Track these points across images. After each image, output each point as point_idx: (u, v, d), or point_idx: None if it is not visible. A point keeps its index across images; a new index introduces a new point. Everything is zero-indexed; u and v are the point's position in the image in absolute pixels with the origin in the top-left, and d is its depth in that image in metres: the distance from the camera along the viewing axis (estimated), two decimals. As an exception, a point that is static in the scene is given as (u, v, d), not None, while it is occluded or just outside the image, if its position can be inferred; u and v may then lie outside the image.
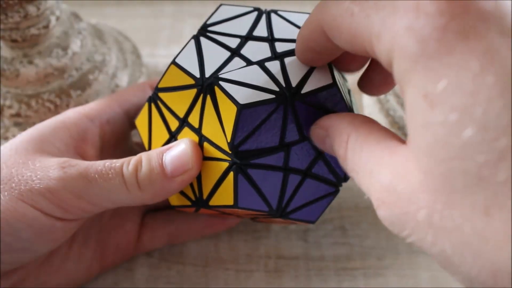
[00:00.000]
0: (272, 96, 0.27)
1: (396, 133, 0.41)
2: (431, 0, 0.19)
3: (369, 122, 0.25)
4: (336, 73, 0.29)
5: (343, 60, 0.30)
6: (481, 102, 0.18)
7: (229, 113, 0.28)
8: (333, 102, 0.29)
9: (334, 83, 0.28)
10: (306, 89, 0.28)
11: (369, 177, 0.23)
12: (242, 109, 0.27)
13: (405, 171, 0.21)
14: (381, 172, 0.22)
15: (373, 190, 0.22)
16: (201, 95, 0.29)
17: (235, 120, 0.27)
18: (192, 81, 0.29)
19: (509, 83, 0.18)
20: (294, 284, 0.36)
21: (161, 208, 0.38)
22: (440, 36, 0.19)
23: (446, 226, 0.19)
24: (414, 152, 0.20)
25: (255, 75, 0.28)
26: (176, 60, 0.29)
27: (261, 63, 0.29)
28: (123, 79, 0.42)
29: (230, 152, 0.28)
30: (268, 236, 0.38)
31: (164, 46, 0.48)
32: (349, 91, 0.31)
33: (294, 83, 0.28)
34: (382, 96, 0.41)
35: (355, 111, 0.30)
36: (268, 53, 0.29)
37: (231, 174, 0.28)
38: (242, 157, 0.28)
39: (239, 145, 0.28)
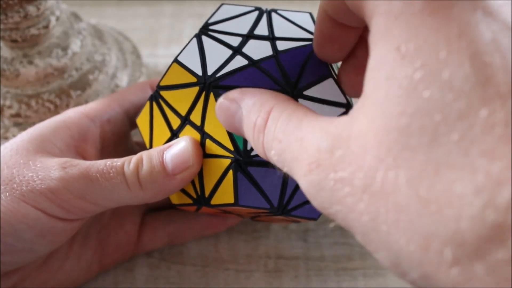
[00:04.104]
0: None
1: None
2: None
3: (293, 100, 0.25)
4: (332, 67, 0.30)
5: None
6: (451, 64, 0.18)
7: None
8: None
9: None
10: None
11: (299, 144, 0.22)
12: None
13: (350, 134, 0.20)
14: (319, 138, 0.21)
15: (304, 155, 0.21)
16: (203, 93, 0.29)
17: None
18: (194, 79, 0.29)
19: (481, 52, 0.18)
20: (294, 284, 0.36)
21: (161, 208, 0.38)
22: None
23: (386, 189, 0.18)
24: (367, 108, 0.20)
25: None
26: (178, 58, 0.30)
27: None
28: (123, 79, 0.42)
29: (232, 149, 0.29)
30: (268, 236, 0.38)
31: (164, 46, 0.48)
32: None
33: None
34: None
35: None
36: (269, 52, 0.30)
37: (231, 171, 0.29)
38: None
39: (252, 150, 0.28)
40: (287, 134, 0.23)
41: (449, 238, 0.17)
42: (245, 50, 0.30)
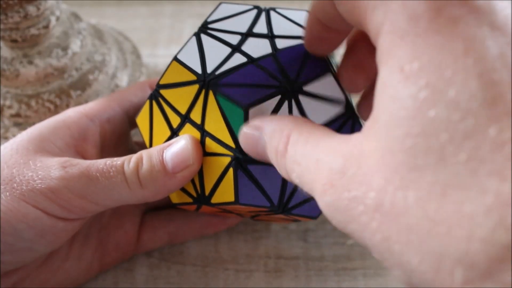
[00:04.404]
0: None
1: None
2: None
3: (311, 122, 0.25)
4: (331, 63, 0.30)
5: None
6: (457, 83, 0.18)
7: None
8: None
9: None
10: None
11: (316, 165, 0.22)
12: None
13: (360, 153, 0.20)
14: (332, 158, 0.21)
15: (320, 176, 0.22)
16: (203, 90, 0.29)
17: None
18: (194, 77, 0.29)
19: (489, 69, 0.18)
20: (294, 284, 0.36)
21: (161, 208, 0.38)
22: (432, 18, 0.19)
23: (396, 209, 0.19)
24: (375, 129, 0.20)
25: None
26: (178, 57, 0.30)
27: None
28: (123, 79, 0.42)
29: (234, 147, 0.29)
30: (268, 236, 0.38)
31: (164, 46, 0.48)
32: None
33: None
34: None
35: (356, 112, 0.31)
36: (268, 50, 0.30)
37: (231, 170, 0.29)
38: None
39: None
40: (305, 157, 0.23)
41: (460, 259, 0.17)
42: (244, 48, 0.30)
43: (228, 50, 0.30)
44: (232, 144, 0.29)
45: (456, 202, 0.17)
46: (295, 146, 0.24)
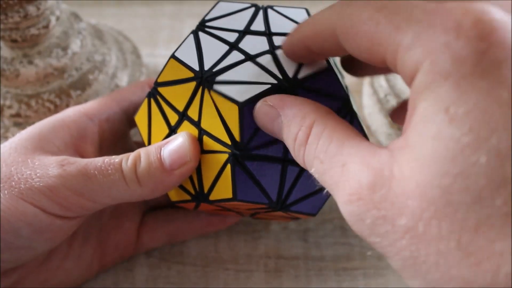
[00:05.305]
0: (269, 86, 0.28)
1: (396, 134, 0.41)
2: (472, 24, 0.20)
3: (334, 114, 0.25)
4: (332, 62, 0.30)
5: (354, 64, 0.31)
6: (499, 131, 0.19)
7: (231, 113, 0.28)
8: (331, 86, 0.29)
9: (329, 67, 0.29)
10: (302, 74, 0.29)
11: (341, 170, 0.23)
12: (244, 106, 0.27)
13: (391, 176, 0.21)
14: (360, 170, 0.22)
15: (346, 184, 0.22)
16: (200, 88, 0.29)
17: (239, 119, 0.28)
18: (191, 74, 0.29)
19: None
20: (294, 284, 0.36)
21: (161, 207, 0.38)
22: (477, 61, 0.20)
23: (428, 235, 0.20)
24: (409, 159, 0.21)
25: (249, 71, 0.29)
26: (175, 54, 0.30)
27: (253, 59, 0.29)
28: (123, 79, 0.42)
29: (229, 143, 0.29)
30: (268, 236, 0.38)
31: (164, 46, 0.48)
32: (346, 87, 0.32)
33: (290, 73, 0.29)
34: (382, 96, 0.41)
35: (355, 109, 0.31)
36: (265, 47, 0.30)
37: (229, 166, 0.29)
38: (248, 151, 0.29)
39: (248, 142, 0.28)
40: (328, 156, 0.23)
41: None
42: (241, 45, 0.30)
43: (225, 47, 0.30)
44: (228, 141, 0.29)
45: (488, 239, 0.19)
46: (317, 140, 0.24)
